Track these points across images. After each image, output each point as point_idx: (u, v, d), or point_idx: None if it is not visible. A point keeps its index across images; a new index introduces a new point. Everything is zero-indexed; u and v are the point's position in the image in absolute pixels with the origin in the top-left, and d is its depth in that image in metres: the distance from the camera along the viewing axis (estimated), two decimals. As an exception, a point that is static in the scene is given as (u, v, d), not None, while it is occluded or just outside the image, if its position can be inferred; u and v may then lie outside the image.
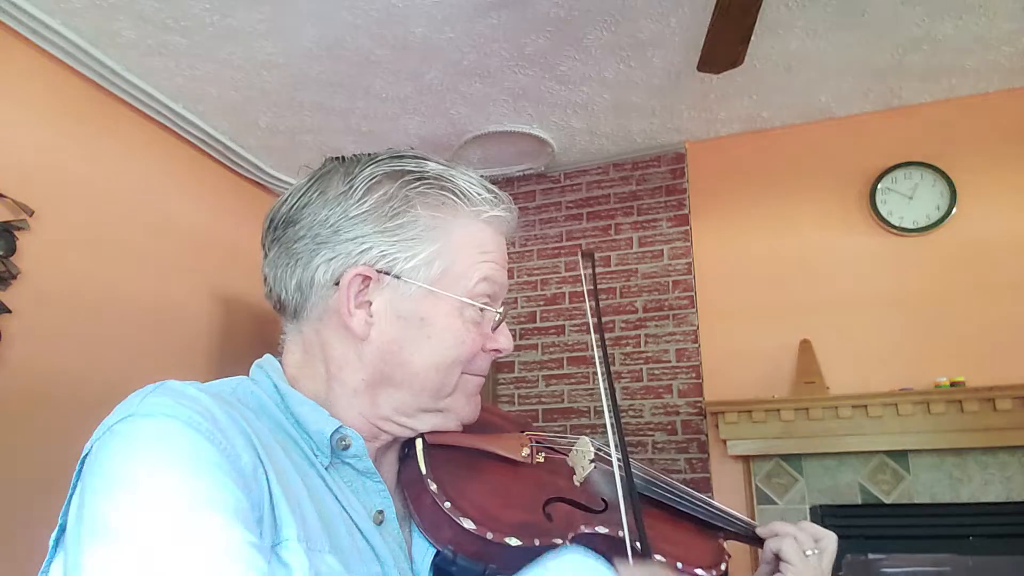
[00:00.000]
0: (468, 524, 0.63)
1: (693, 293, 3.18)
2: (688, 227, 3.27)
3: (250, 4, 2.38)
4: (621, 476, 0.69)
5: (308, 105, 3.00)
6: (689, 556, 0.76)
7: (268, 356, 0.72)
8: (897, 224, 2.93)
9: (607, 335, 3.26)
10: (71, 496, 0.55)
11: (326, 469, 0.64)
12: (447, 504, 0.64)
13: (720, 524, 0.85)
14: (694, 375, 3.08)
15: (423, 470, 0.67)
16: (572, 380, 3.26)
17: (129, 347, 2.70)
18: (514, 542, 0.64)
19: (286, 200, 0.72)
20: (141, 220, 2.81)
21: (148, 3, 2.36)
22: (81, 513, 0.51)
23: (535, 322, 3.41)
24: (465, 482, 0.68)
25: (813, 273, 3.02)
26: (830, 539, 0.82)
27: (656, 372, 3.14)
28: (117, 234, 2.72)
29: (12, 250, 2.32)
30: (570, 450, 0.80)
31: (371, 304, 0.68)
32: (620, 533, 0.67)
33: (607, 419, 0.71)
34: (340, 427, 0.66)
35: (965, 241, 2.85)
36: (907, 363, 2.78)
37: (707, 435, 2.99)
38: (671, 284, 3.22)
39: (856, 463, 2.73)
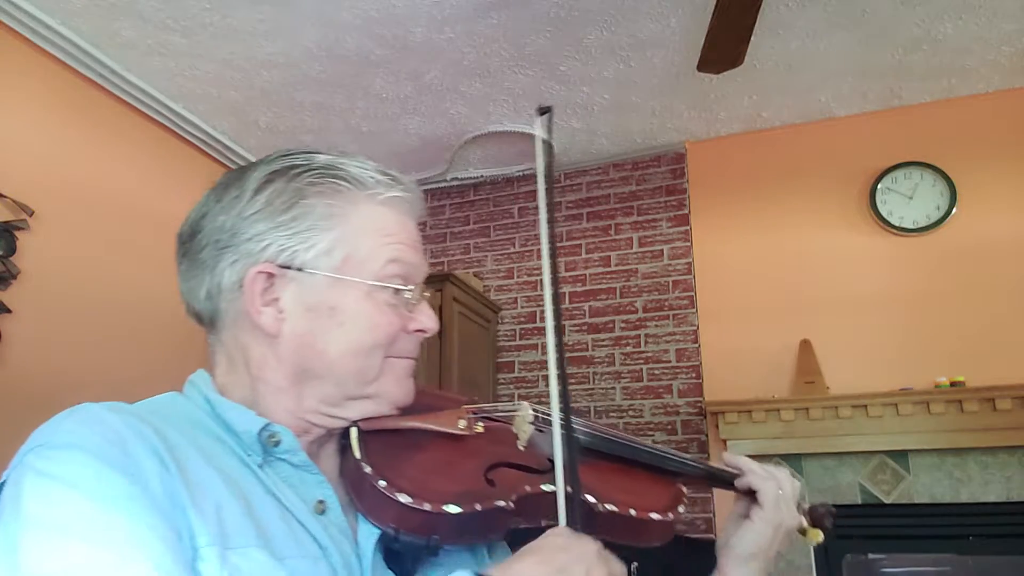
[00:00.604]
0: (404, 499, 0.64)
1: (693, 293, 3.18)
2: (688, 227, 3.27)
3: (250, 4, 2.38)
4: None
5: (308, 105, 3.00)
6: (642, 502, 0.77)
7: (199, 371, 0.73)
8: (897, 224, 2.93)
9: (607, 335, 3.26)
10: None
11: (260, 467, 0.65)
12: (382, 483, 0.65)
13: (674, 468, 0.86)
14: (694, 375, 3.08)
15: (357, 455, 0.68)
16: (572, 380, 3.26)
17: (129, 347, 2.70)
18: (453, 509, 0.65)
19: (188, 215, 0.73)
20: (141, 220, 2.81)
21: (148, 3, 2.36)
22: (2, 543, 0.52)
23: (535, 322, 3.41)
24: (401, 461, 0.69)
25: (813, 273, 3.02)
26: (786, 476, 0.86)
27: (656, 372, 3.14)
28: (117, 234, 2.72)
29: (12, 250, 2.32)
30: (513, 417, 0.81)
31: (279, 300, 0.68)
32: (569, 489, 0.67)
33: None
34: (267, 425, 0.66)
35: (965, 241, 2.85)
36: (907, 363, 2.78)
37: (707, 435, 2.99)
38: (671, 284, 3.23)
39: (856, 463, 2.73)
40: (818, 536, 0.87)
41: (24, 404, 2.29)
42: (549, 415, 0.74)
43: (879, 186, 2.98)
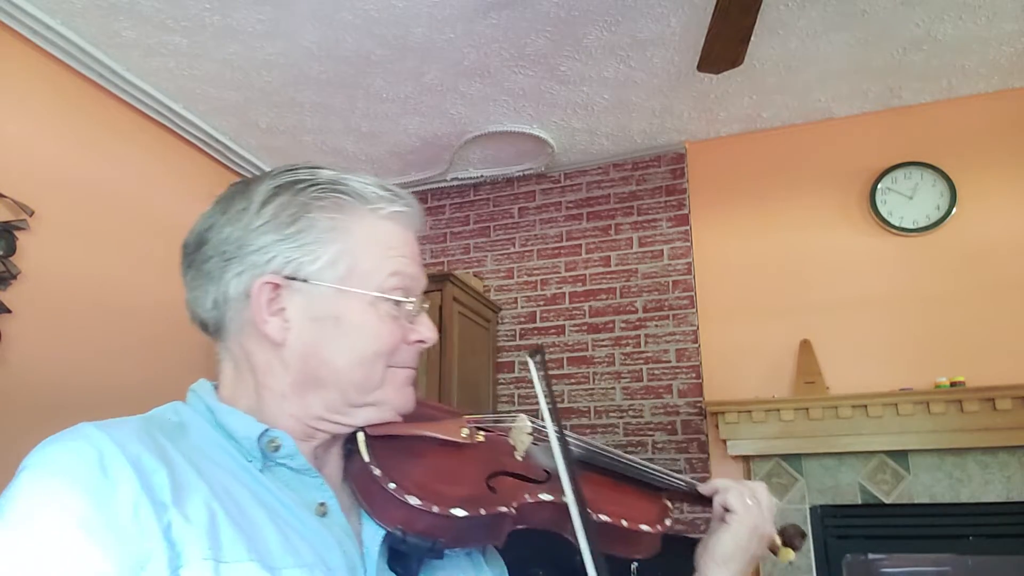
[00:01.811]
0: (414, 501, 0.66)
1: (693, 293, 3.18)
2: (688, 227, 3.27)
3: (250, 4, 2.38)
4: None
5: (308, 105, 3.00)
6: (633, 514, 0.81)
7: (201, 380, 0.75)
8: (897, 224, 2.93)
9: (607, 335, 3.27)
10: None
11: (261, 472, 0.67)
12: (392, 485, 0.67)
13: (661, 485, 0.92)
14: (694, 375, 3.08)
15: (366, 458, 0.70)
16: (572, 380, 3.26)
17: (129, 347, 2.70)
18: (460, 513, 0.67)
19: (194, 226, 0.76)
20: (141, 220, 2.81)
21: (148, 3, 2.36)
22: None
23: (535, 322, 3.41)
24: (408, 464, 0.71)
25: (813, 273, 3.02)
26: (762, 488, 0.90)
27: (656, 372, 3.14)
28: (117, 234, 2.72)
29: (12, 250, 2.32)
30: (510, 429, 0.84)
31: (285, 310, 0.71)
32: (563, 498, 0.70)
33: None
34: (267, 430, 0.68)
35: (965, 241, 2.85)
36: (907, 363, 2.78)
37: (707, 435, 2.99)
38: (671, 284, 3.23)
39: (856, 463, 2.73)
40: (789, 555, 0.92)
41: (24, 404, 2.29)
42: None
43: (879, 186, 2.98)
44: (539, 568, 2.53)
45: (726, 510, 0.87)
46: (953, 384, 2.63)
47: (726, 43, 2.15)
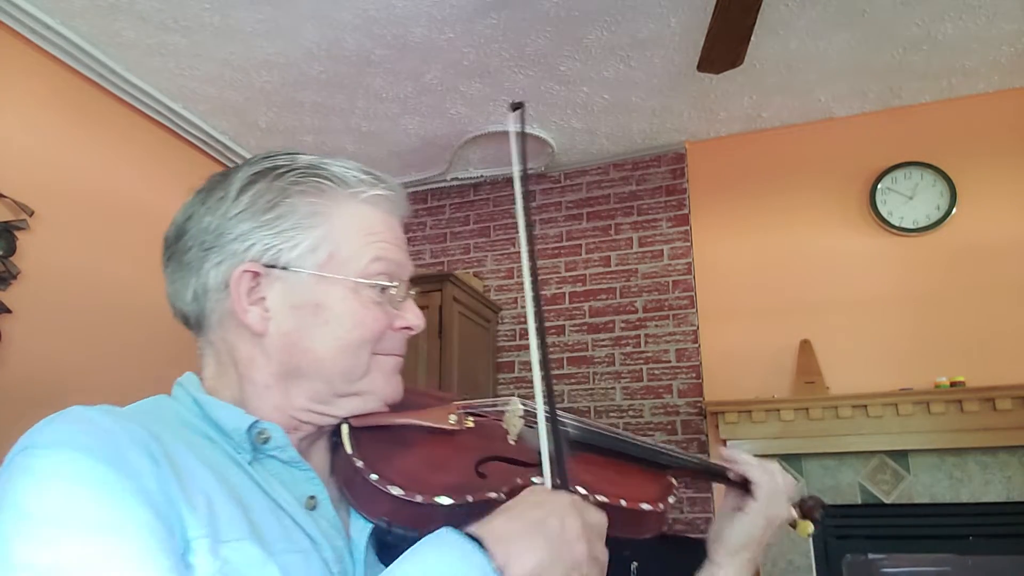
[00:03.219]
0: (396, 491, 0.64)
1: (693, 293, 3.18)
2: (688, 227, 3.27)
3: (250, 4, 2.38)
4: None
5: (308, 105, 3.00)
6: (632, 493, 0.78)
7: (187, 373, 0.73)
8: (897, 224, 2.93)
9: (607, 335, 3.26)
10: None
11: (250, 464, 0.65)
12: (373, 476, 0.65)
13: (665, 462, 0.87)
14: (694, 375, 3.08)
15: (348, 450, 0.68)
16: (572, 380, 3.26)
17: (129, 347, 2.69)
18: (445, 501, 0.65)
19: (174, 218, 0.74)
20: (141, 220, 2.81)
21: (148, 3, 2.36)
22: None
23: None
24: (392, 455, 0.69)
25: (813, 273, 3.02)
26: (778, 469, 0.89)
27: (656, 372, 3.14)
28: (117, 234, 2.72)
29: (12, 250, 2.32)
30: (502, 412, 0.82)
31: (265, 299, 0.69)
32: (558, 481, 0.68)
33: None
34: (256, 422, 0.67)
35: (965, 241, 2.85)
36: (907, 363, 2.78)
37: (707, 435, 2.99)
38: (671, 284, 3.22)
39: (856, 463, 2.73)
40: (808, 528, 0.88)
41: (24, 404, 2.29)
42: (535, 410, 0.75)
43: (879, 186, 2.98)
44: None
45: (746, 485, 0.85)
46: (953, 384, 2.63)
47: (726, 43, 2.15)
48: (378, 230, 0.73)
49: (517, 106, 0.73)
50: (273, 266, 0.69)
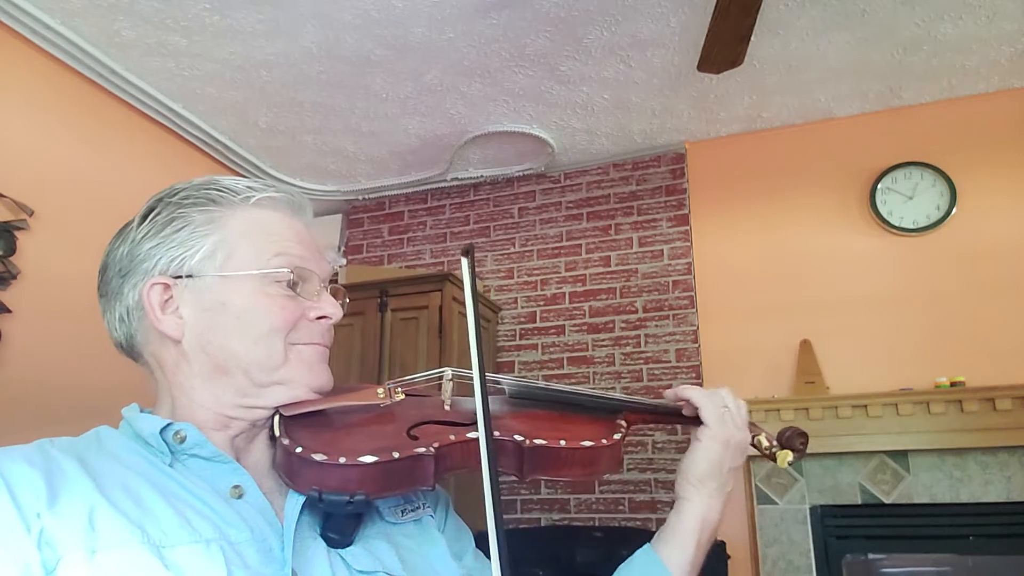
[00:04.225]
0: (319, 457, 0.66)
1: (693, 293, 3.18)
2: (688, 227, 3.27)
3: (250, 4, 2.38)
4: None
5: (308, 105, 3.00)
6: (573, 435, 0.79)
7: (132, 404, 0.78)
8: (897, 224, 2.93)
9: (607, 335, 3.26)
10: None
11: (171, 466, 0.69)
12: (299, 450, 0.67)
13: (612, 407, 0.89)
14: (694, 375, 3.08)
15: (277, 433, 0.71)
16: (572, 380, 3.26)
17: (129, 347, 2.69)
18: (369, 459, 0.67)
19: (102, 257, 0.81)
20: (141, 220, 2.81)
21: (148, 3, 2.36)
22: None
23: (535, 322, 3.41)
24: (320, 432, 0.72)
25: (813, 273, 3.02)
26: (728, 394, 0.90)
27: (656, 372, 3.14)
28: (117, 234, 2.72)
29: (12, 250, 2.32)
30: (437, 383, 0.85)
31: (179, 308, 0.74)
32: (496, 433, 0.70)
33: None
34: (169, 424, 0.71)
35: (965, 241, 2.85)
36: (907, 363, 2.78)
37: (707, 435, 2.99)
38: (671, 284, 3.23)
39: (856, 463, 2.73)
40: (787, 456, 0.90)
41: (24, 404, 2.29)
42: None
43: (879, 186, 2.98)
44: (539, 568, 2.53)
45: (697, 417, 0.87)
46: (953, 384, 2.63)
47: (726, 43, 2.15)
48: (277, 230, 0.78)
49: (467, 251, 0.76)
50: (179, 276, 0.74)
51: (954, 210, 2.87)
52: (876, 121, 3.09)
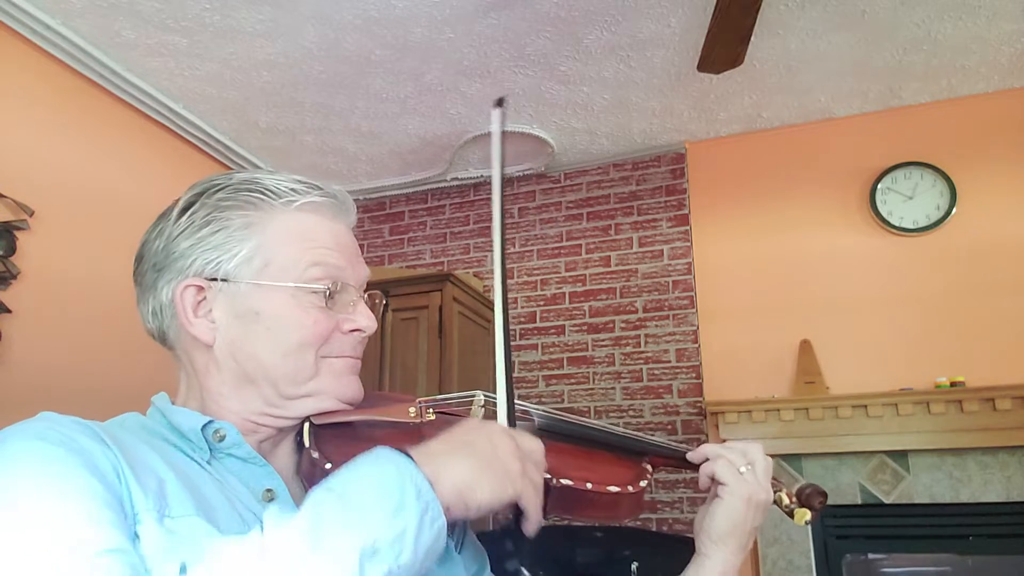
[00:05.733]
0: None
1: (693, 293, 3.18)
2: (688, 227, 3.27)
3: (250, 4, 2.38)
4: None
5: (308, 105, 3.00)
6: (599, 477, 0.78)
7: (160, 392, 0.78)
8: (897, 224, 2.93)
9: (607, 335, 3.26)
10: None
11: (208, 463, 0.69)
12: (328, 465, 0.67)
13: (638, 448, 0.87)
14: (694, 375, 3.08)
15: (307, 444, 0.71)
16: (572, 380, 3.26)
17: (129, 347, 2.69)
18: None
19: (139, 245, 0.80)
20: (141, 220, 2.79)
21: (148, 3, 2.36)
22: None
23: (535, 322, 3.41)
24: (350, 446, 0.71)
25: (813, 273, 3.02)
26: (756, 450, 0.84)
27: (656, 372, 3.14)
28: (117, 234, 2.72)
29: (12, 250, 2.32)
30: (468, 406, 0.84)
31: (212, 312, 0.73)
32: None
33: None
34: (211, 421, 0.70)
35: (965, 241, 2.85)
36: (907, 363, 2.78)
37: (707, 435, 2.99)
38: (671, 284, 3.23)
39: (856, 463, 2.73)
40: (805, 515, 0.86)
41: (24, 404, 2.29)
42: (495, 399, 0.76)
43: (879, 186, 2.98)
44: (539, 568, 2.52)
45: (716, 482, 0.84)
46: (953, 384, 2.63)
47: (726, 43, 2.15)
48: (315, 237, 0.75)
49: (500, 102, 0.75)
50: (214, 279, 0.73)
51: (954, 210, 2.87)
52: (876, 121, 3.09)
